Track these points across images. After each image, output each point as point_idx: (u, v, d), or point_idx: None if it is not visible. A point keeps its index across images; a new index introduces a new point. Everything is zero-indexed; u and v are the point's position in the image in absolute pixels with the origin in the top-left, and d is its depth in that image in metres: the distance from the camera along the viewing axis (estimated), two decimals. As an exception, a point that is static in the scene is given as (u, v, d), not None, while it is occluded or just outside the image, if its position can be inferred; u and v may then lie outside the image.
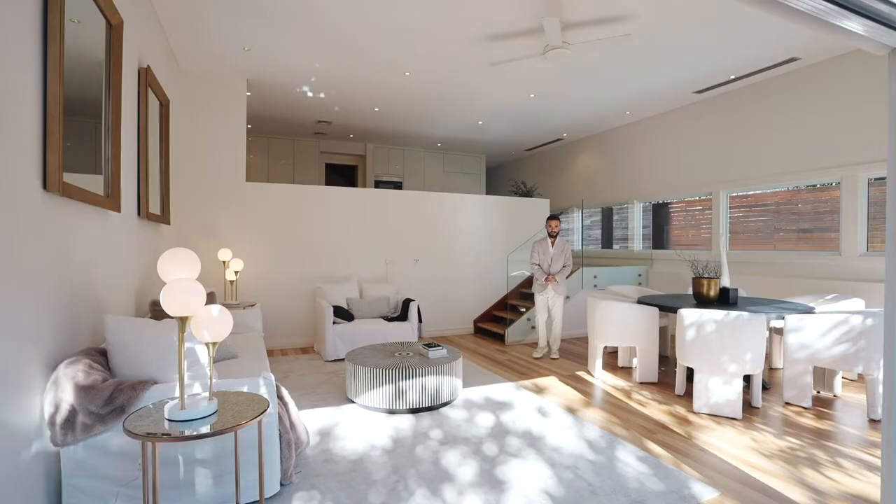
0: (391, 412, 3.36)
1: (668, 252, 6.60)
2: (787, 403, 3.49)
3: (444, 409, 3.44)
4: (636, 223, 7.22)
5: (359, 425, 3.13)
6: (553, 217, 5.15)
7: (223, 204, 5.26)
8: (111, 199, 2.57)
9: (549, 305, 5.14)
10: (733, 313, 3.20)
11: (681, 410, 3.41)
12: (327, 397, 3.72)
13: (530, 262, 5.19)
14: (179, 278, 1.59)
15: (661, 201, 6.83)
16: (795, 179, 5.04)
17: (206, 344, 1.69)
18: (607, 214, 7.90)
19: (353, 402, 3.54)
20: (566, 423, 3.19)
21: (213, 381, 2.07)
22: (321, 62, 4.91)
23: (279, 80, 5.47)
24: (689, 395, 3.70)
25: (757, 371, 3.19)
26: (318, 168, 8.60)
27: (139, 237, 3.28)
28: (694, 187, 6.19)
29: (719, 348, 3.23)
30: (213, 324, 1.67)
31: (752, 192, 5.59)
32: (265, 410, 1.70)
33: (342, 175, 9.29)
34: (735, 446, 2.79)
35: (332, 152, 8.73)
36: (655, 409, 3.45)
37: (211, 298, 3.66)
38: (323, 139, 8.44)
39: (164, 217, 4.09)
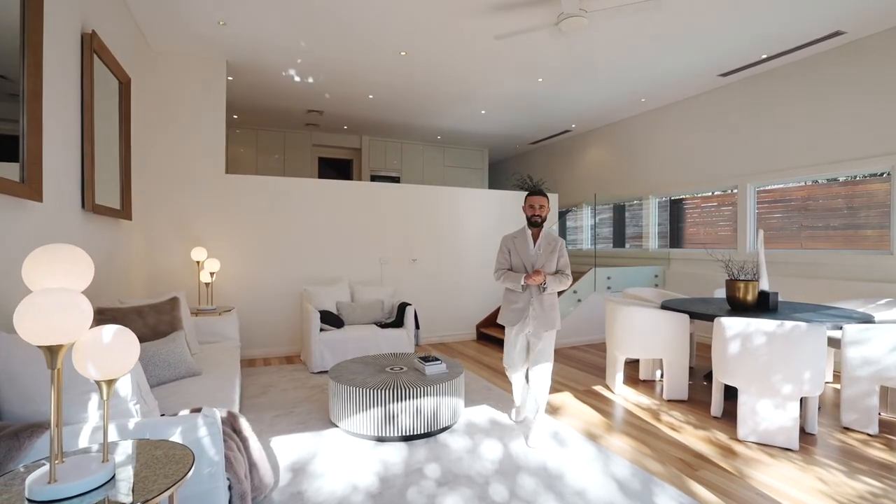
0: (380, 440, 2.85)
1: (686, 251, 6.08)
2: (847, 429, 2.97)
3: (442, 436, 2.92)
4: (651, 220, 6.69)
5: (341, 457, 2.62)
6: (535, 193, 2.99)
7: (200, 197, 4.74)
8: (27, 186, 2.06)
9: (528, 346, 2.98)
10: (788, 324, 2.68)
11: (722, 437, 2.89)
12: (308, 419, 3.21)
13: (495, 272, 3.06)
14: (48, 288, 1.08)
15: (679, 196, 6.31)
16: (836, 170, 4.51)
17: (98, 383, 1.17)
18: (619, 211, 7.37)
19: (337, 426, 3.03)
20: (588, 454, 2.67)
21: (136, 421, 1.57)
22: (306, 40, 4.40)
23: (262, 62, 4.96)
24: (727, 417, 3.18)
25: (816, 393, 2.67)
26: (310, 162, 8.09)
27: (82, 234, 2.78)
28: (716, 181, 5.66)
29: (770, 365, 2.71)
30: (103, 354, 1.15)
31: (776, 187, 5.09)
32: (185, 476, 1.19)
33: (337, 169, 8.78)
34: (800, 488, 2.27)
35: (325, 145, 8.22)
36: (691, 436, 2.93)
37: (174, 304, 3.15)
38: (315, 131, 7.92)
39: (124, 211, 3.58)
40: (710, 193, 5.86)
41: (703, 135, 5.83)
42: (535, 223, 3.00)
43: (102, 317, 2.71)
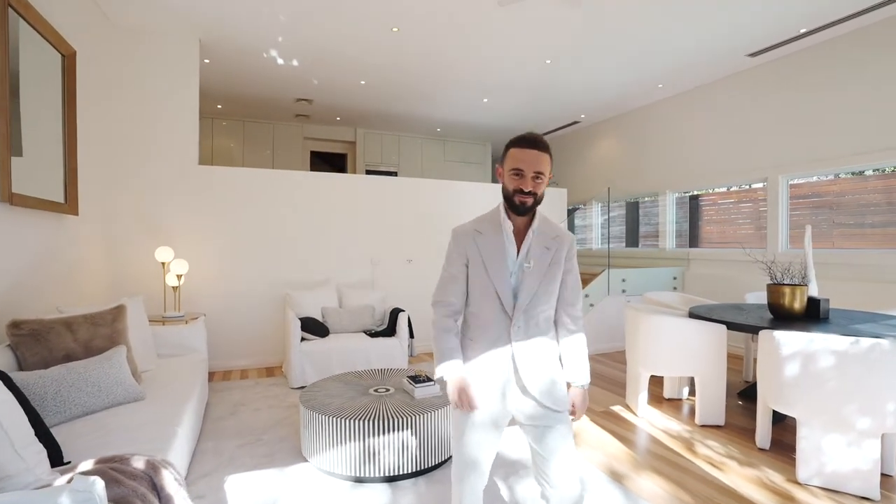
0: (358, 481, 2.34)
1: (707, 251, 5.54)
2: (929, 468, 2.44)
3: (434, 475, 2.41)
4: (668, 217, 6.15)
5: (307, 507, 2.12)
6: (527, 142, 1.34)
7: (169, 191, 4.25)
8: None
9: (531, 443, 1.45)
10: (864, 341, 2.15)
11: (776, 478, 2.37)
12: (276, 450, 2.70)
13: (433, 303, 1.52)
14: None
15: (699, 191, 5.77)
16: (886, 158, 3.97)
17: None
18: (632, 208, 6.84)
19: (308, 461, 2.52)
20: (611, 500, 2.15)
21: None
22: (285, 14, 3.90)
23: (240, 42, 4.46)
24: (777, 449, 2.66)
25: (902, 428, 2.14)
26: (302, 156, 7.59)
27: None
28: (742, 174, 5.12)
29: (841, 392, 2.18)
30: None
31: (803, 181, 4.60)
32: None
33: (330, 164, 8.28)
34: (896, 560, 1.75)
35: (317, 138, 7.72)
36: (737, 475, 2.40)
37: (117, 314, 2.65)
38: (306, 123, 7.43)
39: (68, 205, 3.09)
40: (728, 189, 5.36)
41: (727, 123, 5.29)
42: (521, 208, 1.38)
43: (17, 331, 2.22)
